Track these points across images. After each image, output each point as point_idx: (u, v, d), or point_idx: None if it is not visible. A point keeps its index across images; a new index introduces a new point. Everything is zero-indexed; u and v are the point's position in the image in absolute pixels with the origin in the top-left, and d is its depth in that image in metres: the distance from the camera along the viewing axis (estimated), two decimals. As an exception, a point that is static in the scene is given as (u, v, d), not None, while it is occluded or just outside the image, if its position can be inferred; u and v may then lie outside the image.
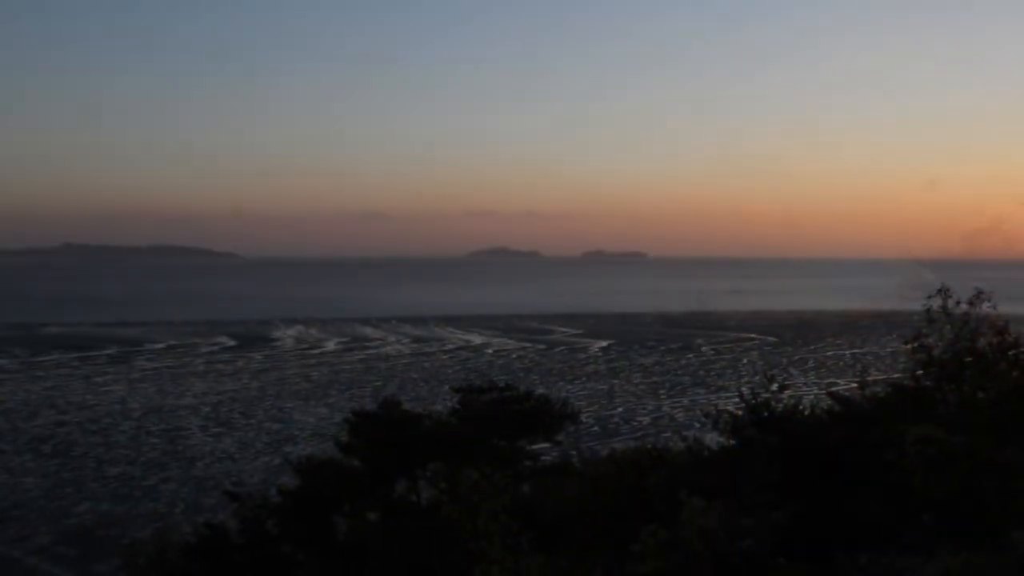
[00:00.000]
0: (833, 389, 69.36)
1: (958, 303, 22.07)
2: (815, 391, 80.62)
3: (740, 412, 21.23)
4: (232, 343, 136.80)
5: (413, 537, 21.45)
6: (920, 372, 21.86)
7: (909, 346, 22.30)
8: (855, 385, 23.07)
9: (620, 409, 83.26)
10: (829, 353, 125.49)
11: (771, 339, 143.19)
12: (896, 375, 23.51)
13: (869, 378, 22.88)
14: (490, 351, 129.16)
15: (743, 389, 21.94)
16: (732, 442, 20.82)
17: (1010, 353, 21.38)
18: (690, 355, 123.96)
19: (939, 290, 22.14)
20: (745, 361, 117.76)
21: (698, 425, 73.10)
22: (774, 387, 21.36)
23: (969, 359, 21.47)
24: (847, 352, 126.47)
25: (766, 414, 20.71)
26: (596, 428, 73.90)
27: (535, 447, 27.89)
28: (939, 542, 15.75)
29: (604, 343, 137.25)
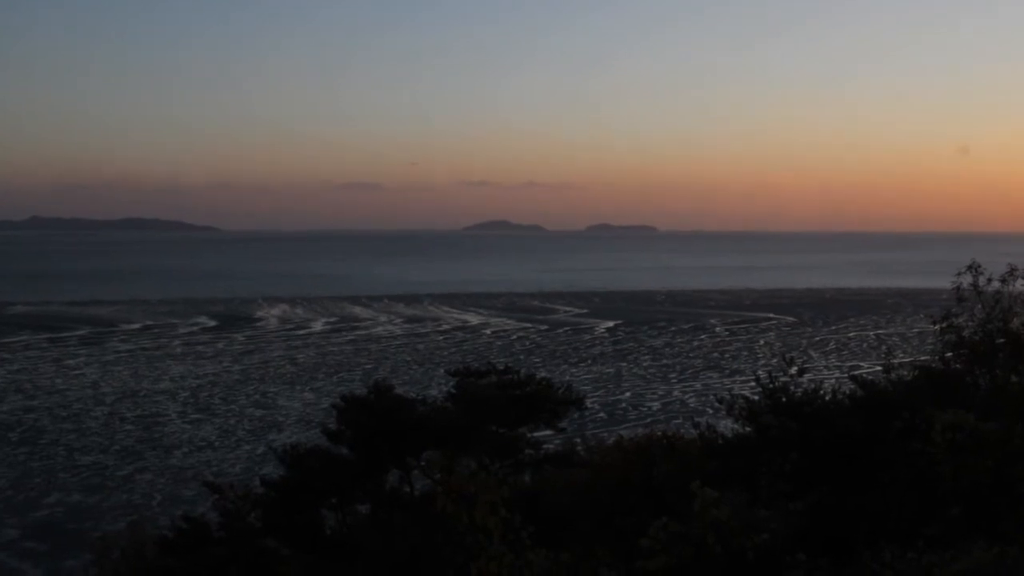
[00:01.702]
0: (856, 372, 69.51)
1: (990, 280, 22.03)
2: (837, 375, 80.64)
3: (756, 397, 21.22)
4: (212, 323, 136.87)
5: (406, 531, 21.38)
6: (949, 354, 21.85)
7: (937, 326, 22.27)
8: (879, 368, 23.06)
9: (628, 394, 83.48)
10: (851, 334, 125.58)
11: (789, 319, 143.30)
12: (924, 358, 23.47)
13: (894, 361, 22.85)
14: (488, 332, 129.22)
15: (760, 373, 21.91)
16: (748, 429, 20.81)
17: None
18: (703, 336, 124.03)
19: (969, 267, 22.08)
20: (761, 342, 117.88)
21: (711, 411, 73.22)
22: (793, 370, 21.37)
23: (1002, 340, 21.45)
24: (871, 333, 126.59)
25: (784, 399, 20.69)
26: (602, 414, 74.05)
27: (537, 435, 27.85)
28: (968, 536, 15.76)
29: (611, 323, 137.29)
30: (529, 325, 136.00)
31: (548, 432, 28.51)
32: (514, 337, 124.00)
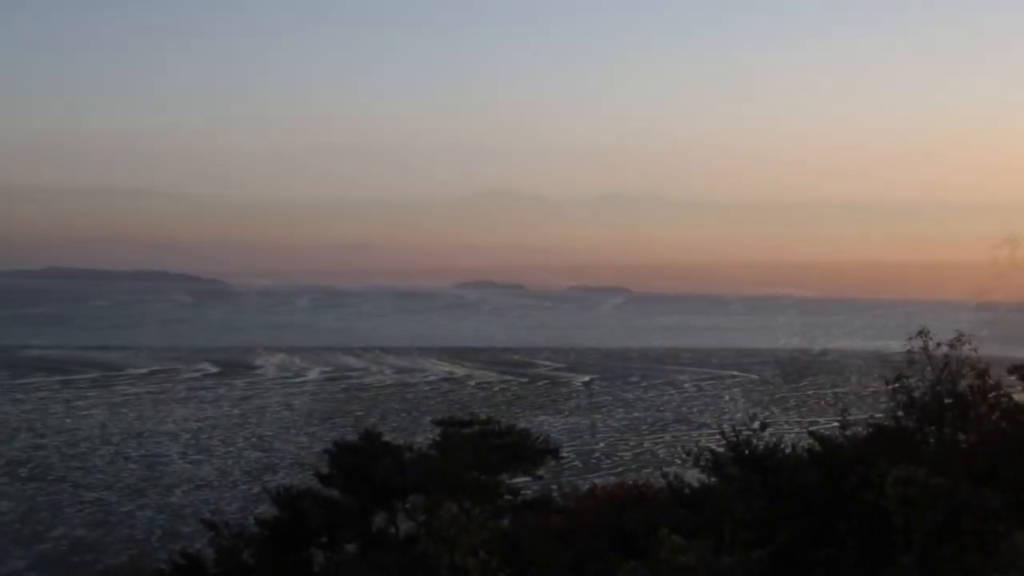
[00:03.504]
0: (814, 428, 69.29)
1: (938, 345, 22.12)
2: (796, 429, 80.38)
3: (721, 449, 21.23)
4: (214, 370, 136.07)
5: (390, 570, 21.21)
6: (900, 413, 21.92)
7: (890, 387, 22.34)
8: (836, 424, 23.11)
9: (602, 444, 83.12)
10: (810, 392, 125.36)
11: (753, 376, 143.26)
12: (878, 415, 23.50)
13: (850, 418, 22.91)
14: (472, 383, 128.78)
15: (724, 426, 21.90)
16: (713, 479, 20.79)
17: (991, 396, 21.47)
18: (672, 391, 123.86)
19: (920, 332, 22.20)
20: (727, 398, 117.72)
21: (679, 461, 72.86)
22: (756, 424, 21.42)
23: (949, 401, 21.54)
24: (828, 391, 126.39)
25: (747, 452, 20.69)
26: (578, 462, 73.68)
27: (515, 481, 27.81)
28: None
29: (587, 377, 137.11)
30: (511, 377, 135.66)
31: (526, 479, 28.49)
32: (496, 388, 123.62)
